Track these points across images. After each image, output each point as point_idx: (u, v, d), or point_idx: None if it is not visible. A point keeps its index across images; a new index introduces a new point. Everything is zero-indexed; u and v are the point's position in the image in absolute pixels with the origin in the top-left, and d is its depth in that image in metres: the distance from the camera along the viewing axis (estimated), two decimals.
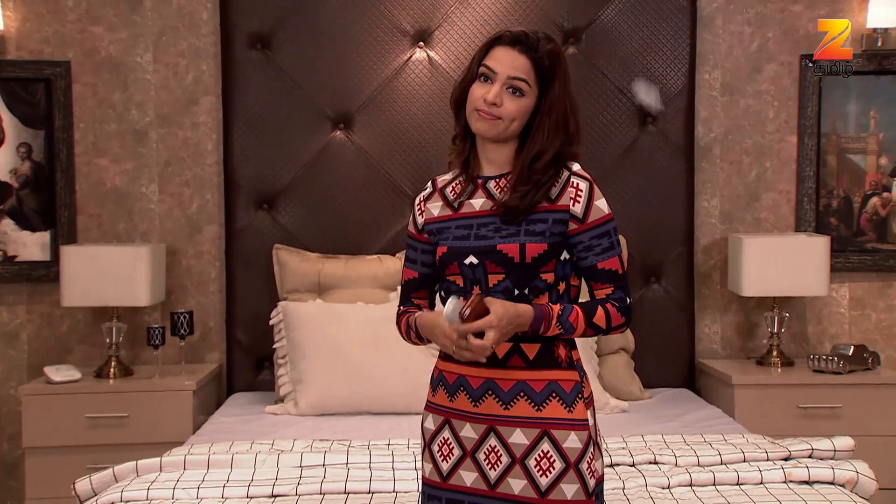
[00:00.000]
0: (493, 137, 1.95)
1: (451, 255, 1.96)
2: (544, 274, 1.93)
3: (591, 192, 1.94)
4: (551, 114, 1.93)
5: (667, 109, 3.90)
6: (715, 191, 4.02)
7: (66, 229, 3.89)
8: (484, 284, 1.93)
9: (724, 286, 4.01)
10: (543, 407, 1.90)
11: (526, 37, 1.95)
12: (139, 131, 3.93)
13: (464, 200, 1.99)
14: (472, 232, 1.95)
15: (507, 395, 1.91)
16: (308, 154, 3.86)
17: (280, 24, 3.84)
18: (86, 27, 3.89)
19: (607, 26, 3.88)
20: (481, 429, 1.93)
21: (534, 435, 1.89)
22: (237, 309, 3.87)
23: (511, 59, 1.93)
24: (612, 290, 1.94)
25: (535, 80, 1.93)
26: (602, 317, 1.92)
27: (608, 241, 1.94)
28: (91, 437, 3.52)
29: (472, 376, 1.94)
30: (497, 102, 1.92)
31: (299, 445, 2.89)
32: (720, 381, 3.76)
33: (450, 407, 1.97)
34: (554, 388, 1.91)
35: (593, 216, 1.93)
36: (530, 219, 1.92)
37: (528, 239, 1.91)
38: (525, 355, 1.92)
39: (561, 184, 1.94)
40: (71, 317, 3.92)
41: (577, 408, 1.91)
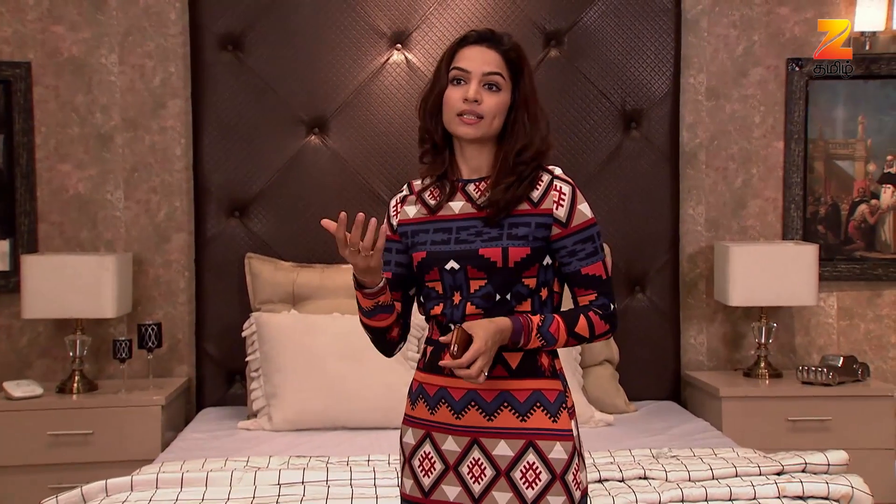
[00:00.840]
0: (477, 138, 1.97)
1: (432, 260, 1.97)
2: (526, 279, 1.94)
3: (575, 196, 1.97)
4: (527, 106, 1.98)
5: (651, 114, 3.93)
6: (700, 198, 4.05)
7: (26, 238, 3.84)
8: (465, 290, 1.95)
9: (710, 296, 4.04)
10: (528, 417, 1.92)
11: (491, 33, 2.01)
12: (104, 135, 3.89)
13: (442, 203, 2.01)
14: (452, 236, 1.97)
15: (491, 405, 1.92)
16: (281, 159, 3.84)
17: (252, 25, 3.82)
18: (47, 26, 3.85)
19: (590, 29, 3.91)
20: (464, 441, 1.94)
21: (518, 446, 1.91)
22: (207, 320, 3.84)
23: (482, 56, 1.97)
24: (595, 296, 1.97)
25: (507, 73, 1.98)
26: (585, 326, 1.94)
27: (592, 246, 1.97)
28: (54, 455, 3.48)
29: (454, 388, 1.95)
30: (478, 99, 1.95)
31: (276, 462, 2.87)
32: (707, 394, 3.78)
33: (431, 420, 1.97)
34: (538, 398, 1.92)
35: (577, 220, 1.95)
36: (513, 222, 1.94)
37: (510, 243, 1.93)
38: (508, 365, 1.93)
39: (543, 187, 1.96)
40: (32, 329, 3.87)
41: (561, 418, 1.93)
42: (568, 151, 3.90)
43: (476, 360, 1.84)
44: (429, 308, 2.01)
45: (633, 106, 3.92)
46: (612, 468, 2.77)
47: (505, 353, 1.93)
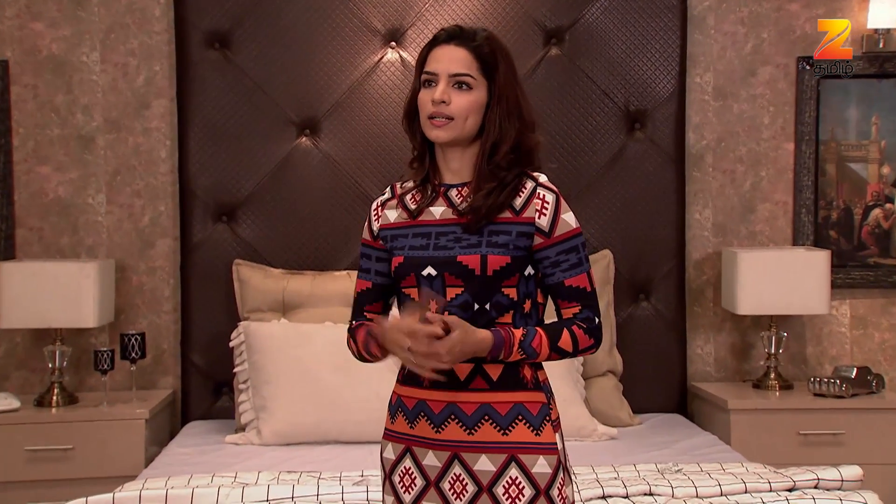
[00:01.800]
0: (451, 141, 1.98)
1: (409, 265, 1.98)
2: (506, 289, 1.94)
3: (558, 205, 1.97)
4: (501, 101, 1.97)
5: (656, 115, 3.93)
6: (707, 202, 4.05)
7: (3, 244, 3.84)
8: (442, 298, 1.95)
9: (717, 304, 4.04)
10: (509, 431, 1.92)
11: (461, 30, 2.01)
12: (85, 137, 3.88)
13: (423, 208, 2.02)
14: (431, 241, 1.98)
15: (471, 419, 1.93)
16: (271, 162, 3.84)
17: (240, 22, 3.82)
18: (25, 23, 3.85)
19: (592, 26, 3.91)
20: (445, 456, 1.94)
21: (500, 461, 1.91)
22: (193, 330, 3.83)
23: (449, 55, 1.97)
24: (579, 308, 1.97)
25: (478, 70, 1.97)
26: (568, 340, 1.95)
27: (576, 257, 1.97)
28: (32, 471, 3.46)
29: (432, 401, 1.95)
30: (445, 100, 1.95)
31: (265, 478, 2.87)
32: (715, 406, 3.78)
33: (410, 434, 1.98)
34: (520, 411, 1.93)
35: (560, 230, 1.96)
36: (493, 230, 1.95)
37: (489, 250, 1.93)
38: (488, 376, 1.94)
39: (526, 195, 1.97)
40: (8, 339, 3.86)
41: (544, 431, 1.93)
42: (569, 153, 3.90)
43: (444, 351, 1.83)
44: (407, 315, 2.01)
45: (636, 106, 3.92)
46: (616, 484, 2.76)
47: (485, 365, 1.93)
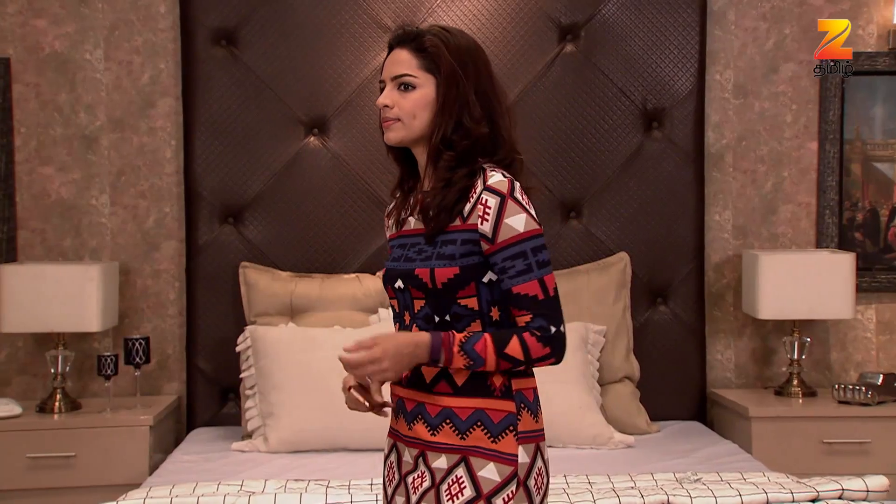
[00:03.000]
0: (402, 141, 2.00)
1: (386, 277, 2.05)
2: (463, 300, 1.94)
3: (502, 209, 1.91)
4: (439, 95, 1.97)
5: (674, 113, 3.93)
6: (727, 203, 4.05)
7: (4, 246, 3.85)
8: (411, 309, 1.99)
9: (737, 308, 4.03)
10: (467, 436, 1.94)
11: (404, 32, 2.03)
12: (88, 137, 3.90)
13: (405, 218, 2.06)
14: (404, 253, 2.02)
15: (434, 420, 1.97)
16: (279, 162, 3.85)
17: (247, 19, 3.83)
18: (28, 20, 3.87)
19: (608, 22, 3.91)
20: (414, 453, 2.01)
21: (454, 460, 1.95)
22: (199, 334, 3.84)
23: (393, 58, 2.01)
24: (530, 317, 1.93)
25: (420, 68, 1.98)
26: (517, 347, 1.91)
27: (523, 263, 1.92)
28: (33, 479, 3.48)
29: (407, 399, 2.02)
30: (388, 104, 1.98)
31: (272, 486, 2.87)
32: (735, 414, 3.77)
33: (395, 429, 2.07)
34: (480, 417, 1.94)
35: (503, 235, 1.91)
36: (443, 239, 1.96)
37: (437, 263, 1.94)
38: (453, 381, 1.96)
39: (474, 199, 1.94)
40: (10, 344, 3.88)
41: (504, 440, 1.93)
42: (584, 153, 3.90)
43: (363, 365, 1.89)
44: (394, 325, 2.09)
45: (654, 104, 3.92)
46: (633, 493, 2.76)
47: (451, 370, 1.95)
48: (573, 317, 3.71)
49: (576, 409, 3.46)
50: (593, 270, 3.82)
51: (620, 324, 3.77)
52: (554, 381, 3.43)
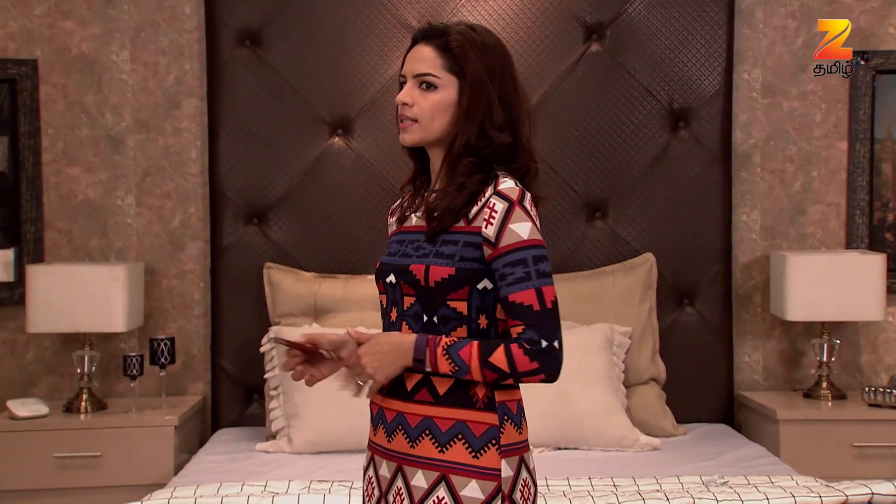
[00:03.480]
0: (417, 143, 1.96)
1: (378, 272, 2.02)
2: (453, 302, 1.90)
3: (508, 214, 1.88)
4: (463, 99, 1.93)
5: (701, 113, 3.91)
6: (755, 203, 4.02)
7: (32, 246, 3.89)
8: (400, 306, 1.96)
9: (765, 309, 4.01)
10: (447, 449, 1.88)
11: (431, 27, 1.98)
12: (114, 137, 3.93)
13: (408, 214, 2.04)
14: (401, 248, 2.00)
15: (414, 431, 1.91)
16: (303, 163, 3.86)
17: (272, 19, 3.85)
18: (55, 22, 3.91)
19: (634, 21, 3.90)
20: (392, 467, 1.94)
21: (433, 478, 1.88)
22: (224, 335, 3.86)
23: (416, 55, 1.96)
24: (522, 328, 1.86)
25: (444, 68, 1.93)
26: (502, 357, 1.84)
27: (523, 271, 1.87)
28: (60, 479, 3.50)
29: (387, 409, 1.96)
30: (408, 102, 1.94)
31: (295, 487, 2.88)
32: (763, 416, 3.75)
33: (373, 441, 2.01)
34: (461, 430, 1.88)
35: (506, 241, 1.87)
36: (444, 239, 1.92)
37: (434, 261, 1.91)
38: (434, 389, 1.90)
39: (482, 203, 1.91)
40: (37, 344, 3.92)
41: (486, 455, 1.87)
42: (610, 153, 3.89)
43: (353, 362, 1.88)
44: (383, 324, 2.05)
45: (681, 104, 3.91)
46: (659, 496, 2.75)
47: (434, 378, 1.90)
48: (598, 318, 3.70)
49: (601, 411, 3.45)
50: (619, 271, 3.80)
51: (646, 325, 3.76)
52: (578, 382, 3.45)
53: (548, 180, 3.84)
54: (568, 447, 3.46)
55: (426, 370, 1.88)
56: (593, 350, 3.56)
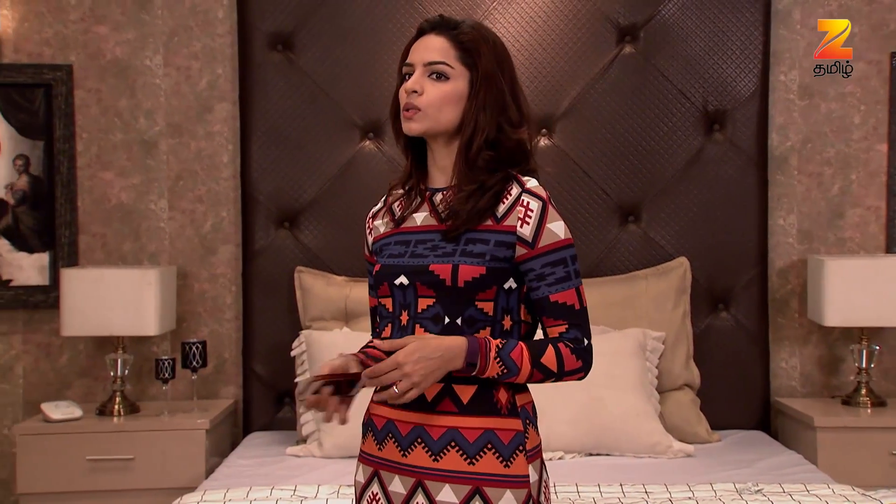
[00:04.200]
0: (424, 133, 1.92)
1: (383, 274, 1.94)
2: (481, 303, 1.87)
3: (544, 213, 1.88)
4: (480, 92, 1.90)
5: (737, 115, 3.88)
6: (792, 207, 3.98)
7: (66, 250, 3.93)
8: (413, 308, 1.89)
9: (802, 315, 3.96)
10: (477, 460, 1.84)
11: (442, 18, 1.96)
12: (148, 142, 3.97)
13: (407, 215, 1.97)
14: (409, 249, 1.92)
15: (437, 444, 1.85)
16: (334, 166, 3.87)
17: (303, 23, 3.87)
18: (90, 27, 3.95)
19: (668, 22, 3.87)
20: (410, 482, 1.87)
21: (464, 492, 1.83)
22: (255, 338, 3.88)
23: (426, 44, 1.93)
24: (566, 327, 1.88)
25: (457, 59, 1.91)
26: (553, 358, 1.85)
27: (563, 271, 1.87)
28: (92, 482, 3.54)
29: (400, 421, 1.89)
30: (417, 89, 1.90)
31: (325, 491, 2.89)
32: (800, 423, 3.70)
33: (378, 457, 1.92)
34: (490, 439, 1.85)
35: (545, 240, 1.87)
36: (470, 238, 1.88)
37: (462, 260, 1.86)
38: (458, 399, 1.86)
39: (510, 201, 1.90)
40: (72, 347, 3.96)
41: (516, 462, 1.85)
42: (643, 156, 3.87)
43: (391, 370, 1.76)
44: (380, 330, 1.96)
45: (715, 106, 3.88)
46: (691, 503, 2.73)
47: (455, 386, 1.85)
48: (631, 323, 3.68)
49: (633, 417, 3.42)
50: (652, 276, 3.78)
51: (680, 330, 3.73)
52: (611, 387, 3.43)
53: (580, 184, 3.87)
54: (600, 453, 3.44)
55: (471, 374, 1.84)
56: (626, 355, 3.53)
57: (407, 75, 1.95)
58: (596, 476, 3.14)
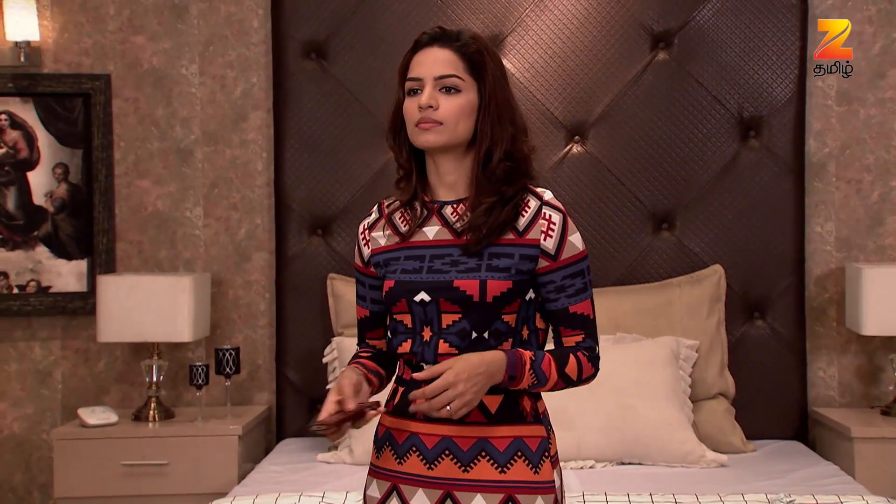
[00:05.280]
0: (442, 147, 1.91)
1: (400, 290, 1.92)
2: (506, 315, 1.89)
3: (566, 226, 1.91)
4: (492, 104, 1.92)
5: (773, 121, 3.85)
6: (830, 214, 3.95)
7: (104, 257, 4.00)
8: (436, 325, 1.89)
9: (840, 323, 3.92)
10: (507, 468, 1.86)
11: (443, 31, 1.95)
12: (183, 150, 4.03)
13: (414, 229, 1.95)
14: (425, 265, 1.91)
15: (467, 455, 1.87)
16: (367, 174, 3.90)
17: (336, 31, 3.91)
18: (127, 37, 4.02)
19: (703, 28, 3.86)
20: (437, 495, 1.88)
21: (497, 501, 1.86)
22: (288, 345, 3.92)
23: (433, 57, 1.92)
24: (582, 337, 1.93)
25: (466, 72, 1.92)
26: (574, 367, 1.90)
27: (581, 282, 1.92)
28: (127, 486, 3.60)
29: (426, 434, 1.89)
30: (432, 104, 1.89)
31: (353, 498, 2.91)
32: (837, 434, 3.67)
33: (398, 471, 1.92)
34: (519, 447, 1.88)
35: (567, 253, 1.91)
36: (494, 252, 1.89)
37: (490, 275, 1.87)
38: (486, 409, 1.88)
39: (531, 214, 1.91)
40: (109, 353, 4.02)
41: (543, 468, 1.89)
42: (678, 163, 3.85)
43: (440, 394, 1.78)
44: (396, 344, 1.95)
45: (751, 112, 3.86)
46: None
47: (483, 397, 1.85)
48: (664, 331, 3.67)
49: (665, 426, 3.41)
50: (685, 283, 3.76)
51: (714, 338, 3.71)
52: (642, 396, 3.42)
53: (613, 191, 3.87)
54: (631, 462, 3.43)
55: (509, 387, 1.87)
56: (658, 363, 3.52)
57: (413, 91, 1.94)
58: (627, 485, 3.13)
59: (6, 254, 4.00)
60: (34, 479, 4.02)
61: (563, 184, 3.85)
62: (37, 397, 4.02)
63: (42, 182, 4.01)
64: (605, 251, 3.85)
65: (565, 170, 3.88)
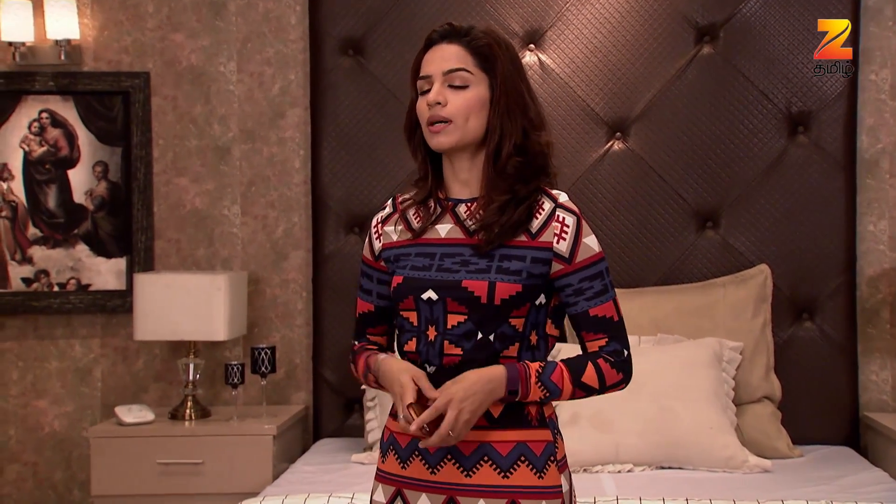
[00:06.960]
0: (454, 145, 1.91)
1: (407, 287, 1.92)
2: (514, 319, 1.88)
3: (580, 228, 1.90)
4: (502, 97, 1.90)
5: (822, 117, 3.79)
6: (883, 212, 3.87)
7: (142, 255, 4.05)
8: (441, 324, 1.88)
9: (894, 325, 3.84)
10: (510, 473, 1.86)
11: (452, 27, 1.95)
12: (221, 148, 4.07)
13: (427, 226, 1.96)
14: (435, 262, 1.92)
15: (469, 459, 1.87)
16: (404, 171, 3.91)
17: (374, 28, 3.92)
18: (166, 35, 4.07)
19: (750, 21, 3.81)
20: (439, 500, 1.88)
21: None
22: (325, 344, 3.94)
23: (440, 54, 1.92)
24: (605, 340, 1.90)
25: (475, 66, 1.91)
26: (593, 375, 1.88)
27: (601, 284, 1.90)
28: (163, 485, 3.64)
29: None
30: (440, 101, 1.89)
31: None
32: (889, 440, 3.60)
33: (402, 476, 1.93)
34: (523, 451, 1.87)
35: (582, 255, 1.89)
36: (505, 254, 1.88)
37: (499, 277, 1.87)
38: (489, 413, 1.87)
39: (544, 216, 1.90)
40: (147, 352, 4.08)
41: (549, 472, 1.87)
42: (723, 159, 3.81)
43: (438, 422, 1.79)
44: (402, 342, 1.95)
45: (799, 108, 3.80)
46: None
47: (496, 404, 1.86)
48: (707, 332, 3.63)
49: (706, 430, 3.37)
50: (730, 283, 3.71)
51: (759, 340, 3.66)
52: (683, 399, 3.39)
53: (655, 188, 3.83)
54: (671, 466, 3.40)
55: (514, 400, 1.86)
56: (700, 365, 3.48)
57: (423, 91, 1.94)
58: (664, 490, 3.10)
59: (47, 252, 4.08)
60: (74, 477, 4.09)
61: (604, 181, 3.83)
62: (77, 395, 4.09)
63: (82, 180, 4.08)
64: (647, 251, 3.82)
65: (606, 167, 3.85)
